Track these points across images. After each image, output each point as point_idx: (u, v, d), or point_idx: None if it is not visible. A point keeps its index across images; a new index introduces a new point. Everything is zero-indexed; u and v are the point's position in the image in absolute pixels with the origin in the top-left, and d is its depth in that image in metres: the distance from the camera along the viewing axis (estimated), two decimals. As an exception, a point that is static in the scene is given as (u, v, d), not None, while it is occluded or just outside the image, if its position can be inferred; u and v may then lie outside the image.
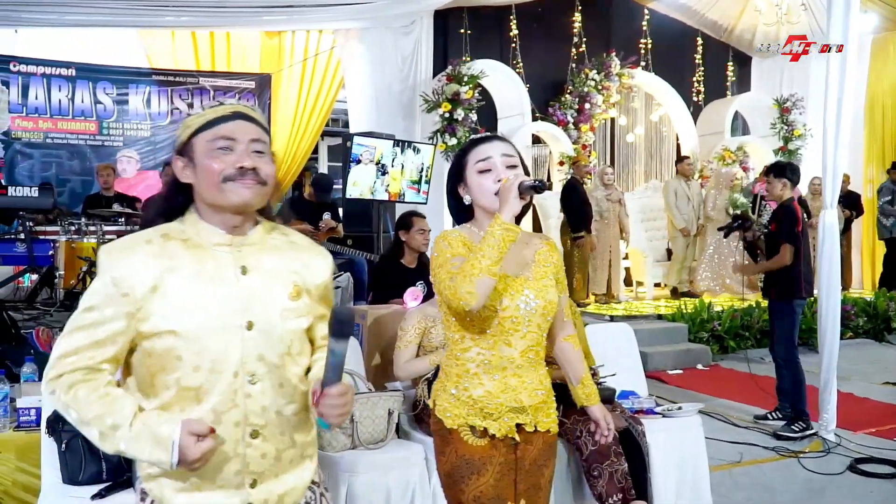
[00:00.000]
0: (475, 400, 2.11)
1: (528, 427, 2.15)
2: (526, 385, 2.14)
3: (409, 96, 9.14)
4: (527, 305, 2.12)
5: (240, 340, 1.62)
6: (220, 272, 1.65)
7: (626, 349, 4.28)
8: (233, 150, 1.64)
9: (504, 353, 2.11)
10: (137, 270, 1.58)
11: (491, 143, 2.17)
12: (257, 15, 8.81)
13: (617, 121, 11.01)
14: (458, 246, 2.10)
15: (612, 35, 10.84)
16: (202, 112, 1.68)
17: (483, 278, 1.95)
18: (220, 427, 1.59)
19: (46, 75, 8.68)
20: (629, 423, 3.49)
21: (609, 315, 7.89)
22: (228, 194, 1.63)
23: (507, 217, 1.98)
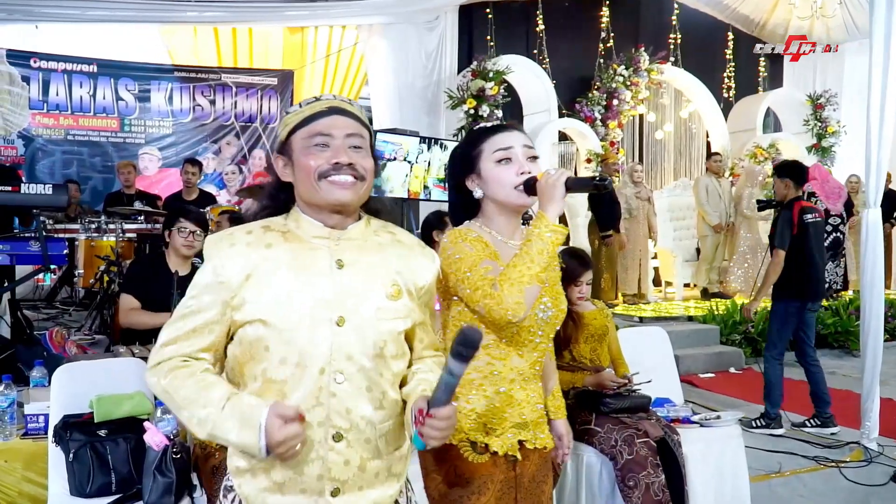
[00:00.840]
0: (479, 414, 1.93)
1: (529, 444, 1.98)
2: (530, 398, 1.98)
3: (434, 92, 9.01)
4: (544, 314, 1.96)
5: (329, 335, 1.55)
6: (315, 264, 1.60)
7: (661, 354, 4.09)
8: (329, 146, 1.59)
9: (514, 364, 1.94)
10: (234, 259, 1.57)
11: (510, 132, 1.98)
12: (280, 10, 8.72)
13: (645, 117, 10.80)
14: (480, 247, 1.91)
15: (641, 30, 10.62)
16: (299, 109, 1.65)
17: (533, 286, 1.78)
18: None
19: (67, 71, 8.64)
20: (665, 433, 3.30)
21: (638, 316, 7.69)
22: (324, 192, 1.58)
23: (552, 216, 1.81)
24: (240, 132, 9.40)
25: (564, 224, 3.20)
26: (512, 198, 1.92)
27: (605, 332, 3.63)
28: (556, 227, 1.80)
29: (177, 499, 2.63)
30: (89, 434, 2.76)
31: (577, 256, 3.59)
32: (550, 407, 2.19)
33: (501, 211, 1.96)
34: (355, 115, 1.64)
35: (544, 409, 2.05)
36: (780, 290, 5.22)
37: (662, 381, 3.95)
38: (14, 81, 8.34)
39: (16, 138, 8.38)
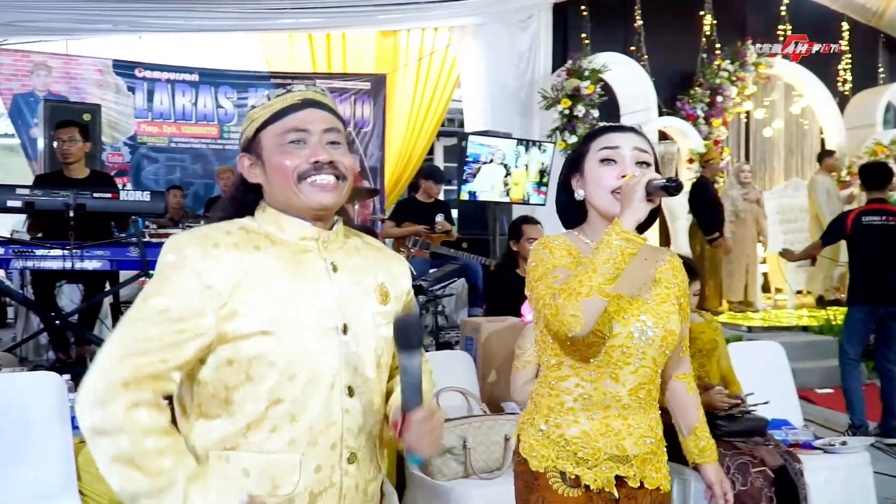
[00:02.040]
0: (567, 441, 1.72)
1: (632, 482, 1.74)
2: (632, 430, 1.74)
3: (527, 93, 8.80)
4: (642, 334, 1.72)
5: (336, 345, 1.41)
6: (311, 268, 1.43)
7: (776, 370, 3.79)
8: (306, 143, 1.42)
9: (609, 389, 1.72)
10: (221, 261, 1.36)
11: (624, 133, 1.77)
12: (374, 14, 8.69)
13: (753, 114, 10.26)
14: (562, 255, 1.72)
15: (748, 22, 10.10)
16: (268, 102, 1.46)
17: (593, 298, 1.56)
18: (315, 449, 1.37)
19: (171, 81, 8.86)
20: (785, 460, 3.02)
21: (746, 325, 7.27)
22: (305, 196, 1.41)
23: (628, 224, 1.58)
24: (334, 137, 9.44)
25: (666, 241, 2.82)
26: (606, 204, 1.73)
27: (715, 347, 3.37)
28: (630, 235, 1.57)
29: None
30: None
31: (684, 265, 3.33)
32: (693, 449, 1.93)
33: (602, 219, 1.76)
34: (331, 107, 1.50)
35: (659, 445, 1.81)
36: (848, 295, 5.29)
37: (778, 400, 3.65)
38: (120, 91, 8.61)
39: (122, 146, 8.65)
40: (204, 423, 1.39)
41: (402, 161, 9.51)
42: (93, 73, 8.49)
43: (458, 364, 3.45)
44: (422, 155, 9.74)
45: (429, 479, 3.03)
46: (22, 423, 2.80)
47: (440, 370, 3.45)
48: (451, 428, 3.00)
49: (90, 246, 4.18)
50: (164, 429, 1.31)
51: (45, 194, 4.05)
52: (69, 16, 7.31)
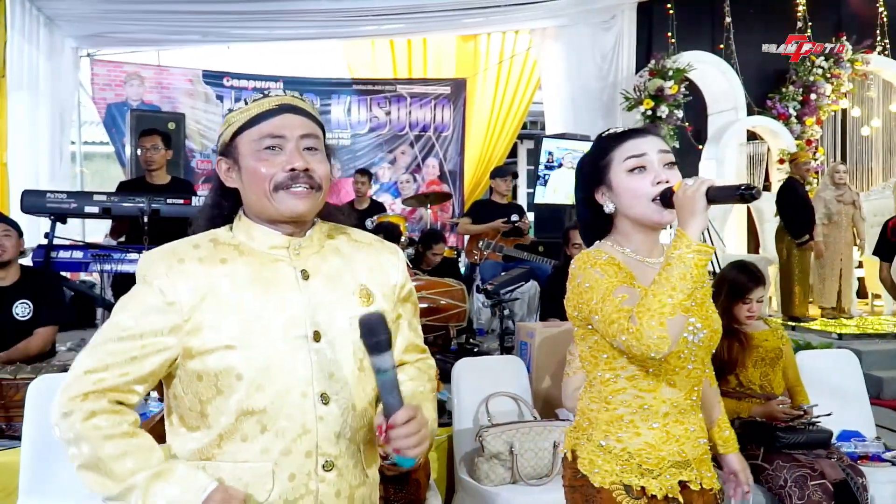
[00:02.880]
0: (631, 454, 1.69)
1: (694, 485, 1.71)
2: (689, 433, 1.72)
3: (610, 94, 8.66)
4: (694, 337, 1.69)
5: (307, 353, 1.40)
6: (279, 277, 1.43)
7: (849, 379, 3.59)
8: (282, 150, 1.42)
9: (667, 396, 1.69)
10: (186, 277, 1.38)
11: (644, 137, 1.71)
12: (456, 18, 8.72)
13: (849, 112, 9.76)
14: (615, 272, 1.67)
15: (843, 17, 9.63)
16: (245, 106, 1.47)
17: (677, 317, 1.52)
18: (289, 458, 1.38)
19: (257, 89, 9.12)
20: (847, 474, 2.87)
21: (837, 333, 6.91)
22: (279, 204, 1.41)
23: (694, 234, 1.54)
24: (413, 141, 9.53)
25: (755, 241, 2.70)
26: (649, 212, 1.67)
27: (779, 356, 3.23)
28: (700, 246, 1.53)
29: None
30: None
31: (748, 270, 3.21)
32: (718, 440, 1.95)
33: (637, 228, 1.72)
34: (308, 112, 1.48)
35: (708, 443, 1.79)
36: None
37: (851, 411, 3.47)
38: (209, 100, 8.95)
39: (211, 153, 8.97)
40: (186, 434, 1.42)
41: (482, 165, 9.51)
42: (183, 82, 8.85)
43: (511, 369, 3.41)
44: (502, 158, 9.72)
45: (476, 483, 3.01)
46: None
47: (493, 375, 3.45)
48: (498, 433, 2.97)
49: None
50: (125, 431, 1.34)
51: (120, 200, 4.24)
52: (160, 27, 7.64)
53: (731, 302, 3.18)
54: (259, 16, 7.90)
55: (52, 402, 1.36)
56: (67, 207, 4.16)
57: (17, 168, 6.25)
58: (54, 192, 4.25)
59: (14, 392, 3.11)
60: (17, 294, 3.80)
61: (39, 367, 3.32)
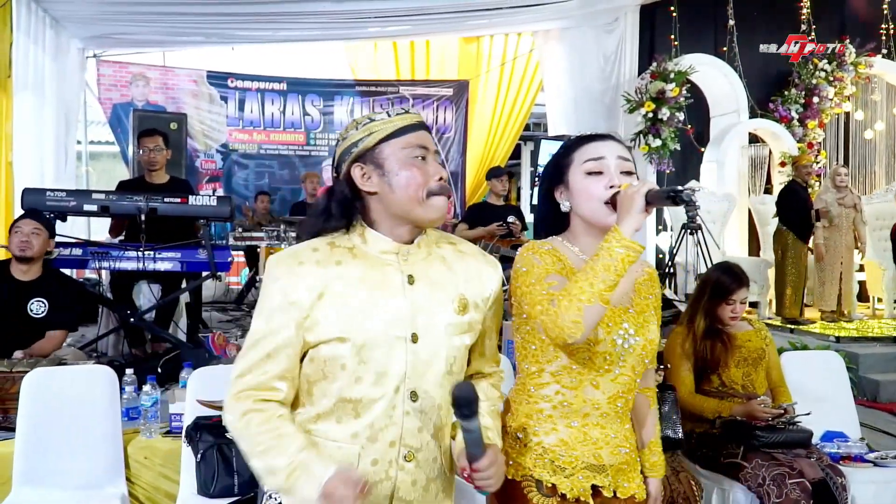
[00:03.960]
0: (545, 449, 1.73)
1: (606, 491, 1.73)
2: (609, 439, 1.74)
3: (612, 97, 8.69)
4: (624, 342, 1.72)
5: (404, 353, 1.53)
6: (387, 280, 1.56)
7: (835, 381, 3.61)
8: (426, 160, 1.58)
9: (588, 396, 1.72)
10: (304, 278, 1.53)
11: (605, 141, 1.76)
12: (459, 20, 8.76)
13: (852, 115, 9.76)
14: (553, 261, 1.72)
15: (847, 20, 9.62)
16: (389, 118, 1.60)
17: (594, 305, 1.56)
18: (374, 445, 1.53)
19: (261, 90, 9.24)
20: (826, 473, 2.90)
21: (835, 336, 6.93)
22: (429, 209, 1.55)
23: (628, 231, 1.59)
24: (416, 143, 9.59)
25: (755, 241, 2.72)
26: (599, 214, 1.72)
27: (762, 356, 3.26)
28: (630, 242, 1.58)
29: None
30: (218, 436, 2.87)
31: (731, 272, 3.25)
32: (645, 462, 1.93)
33: (588, 229, 1.77)
34: (431, 131, 1.66)
35: (633, 454, 1.80)
36: None
37: (836, 412, 3.50)
38: (213, 101, 9.04)
39: (215, 153, 9.07)
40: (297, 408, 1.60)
41: (484, 166, 9.55)
42: (188, 83, 8.95)
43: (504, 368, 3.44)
44: (503, 159, 9.76)
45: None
46: (76, 412, 2.99)
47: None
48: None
49: (161, 248, 4.41)
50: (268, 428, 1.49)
51: (118, 199, 4.30)
52: (164, 28, 7.72)
53: (715, 303, 3.22)
54: (263, 18, 7.96)
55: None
56: (67, 205, 4.22)
57: (22, 168, 6.33)
58: (54, 191, 4.32)
59: (10, 384, 3.18)
60: (35, 291, 3.86)
61: (34, 360, 3.39)
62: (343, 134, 1.64)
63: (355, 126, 1.61)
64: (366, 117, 1.62)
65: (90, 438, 2.96)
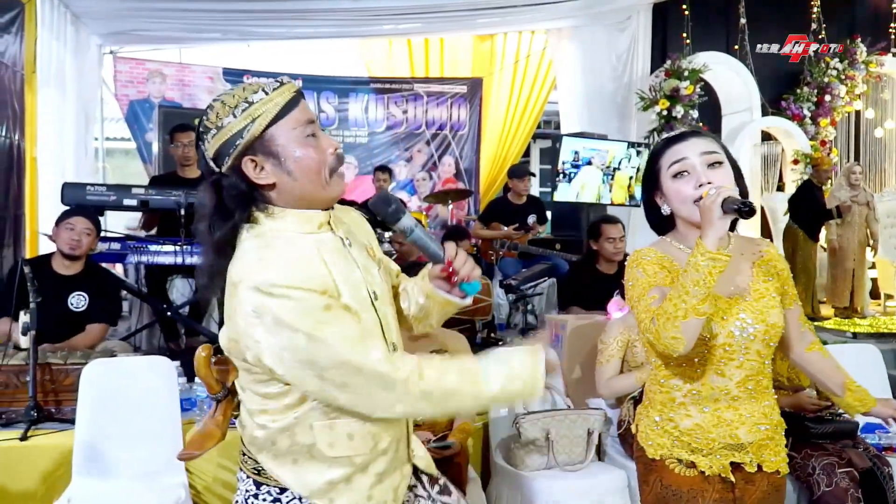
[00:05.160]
0: (682, 432, 1.81)
1: (749, 467, 1.82)
2: (745, 419, 1.81)
3: (624, 95, 8.73)
4: (742, 332, 1.79)
5: (373, 312, 1.52)
6: (335, 248, 1.51)
7: (873, 373, 3.67)
8: (316, 136, 1.45)
9: (716, 384, 1.80)
10: (310, 264, 1.44)
11: (686, 141, 1.83)
12: (472, 18, 8.78)
13: (863, 114, 9.83)
14: (655, 272, 1.80)
15: (857, 18, 9.69)
16: (267, 96, 1.42)
17: (690, 320, 1.64)
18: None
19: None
20: (873, 463, 2.95)
21: (852, 332, 6.99)
22: (332, 188, 1.48)
23: (711, 243, 1.65)
24: (430, 140, 9.63)
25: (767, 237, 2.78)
26: (692, 214, 1.79)
27: (806, 350, 3.30)
28: (715, 254, 1.64)
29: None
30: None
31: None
32: (854, 403, 2.02)
33: (691, 226, 1.84)
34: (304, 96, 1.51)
35: (774, 430, 1.88)
36: None
37: (875, 404, 3.54)
38: (230, 97, 9.03)
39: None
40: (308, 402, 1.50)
41: (498, 163, 9.59)
42: (204, 80, 8.96)
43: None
44: (517, 157, 9.80)
45: (513, 469, 3.10)
46: (136, 403, 3.03)
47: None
48: (534, 420, 3.06)
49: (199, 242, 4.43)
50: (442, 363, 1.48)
51: (158, 193, 4.33)
52: (180, 25, 7.72)
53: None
54: (278, 14, 7.97)
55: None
56: (107, 200, 4.25)
57: (44, 164, 6.34)
58: (94, 185, 4.35)
59: (64, 377, 3.21)
60: (76, 285, 3.90)
61: (89, 352, 3.42)
62: (214, 121, 1.43)
63: (229, 112, 1.42)
64: (238, 98, 1.43)
65: (150, 429, 3.01)
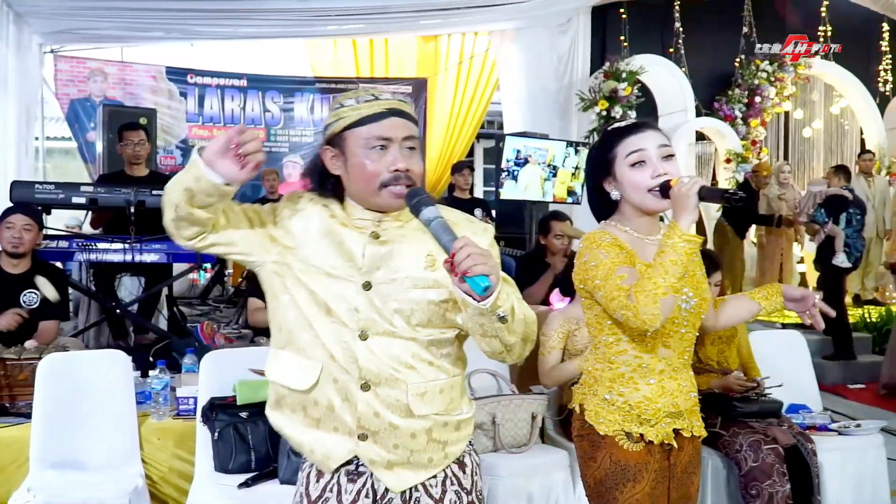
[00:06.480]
0: (632, 406, 1.97)
1: (686, 432, 2.01)
2: (682, 388, 2.00)
3: (566, 95, 8.92)
4: (687, 304, 1.97)
5: (354, 294, 1.62)
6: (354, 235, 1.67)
7: (797, 359, 3.92)
8: (387, 150, 1.61)
9: (662, 355, 1.97)
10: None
11: (644, 132, 1.97)
12: (416, 20, 8.88)
13: (792, 114, 10.26)
14: (617, 253, 1.93)
15: (787, 23, 10.11)
16: (356, 105, 1.64)
17: (668, 297, 1.80)
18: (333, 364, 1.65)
19: (220, 86, 9.24)
20: (797, 440, 3.18)
21: (780, 323, 7.34)
22: (380, 201, 1.64)
23: (685, 225, 1.82)
24: (376, 139, 9.72)
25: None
26: (647, 202, 1.94)
27: (734, 335, 3.54)
28: (691, 236, 1.81)
29: (307, 479, 2.80)
30: (233, 415, 2.99)
31: (706, 256, 3.50)
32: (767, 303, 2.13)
33: (637, 212, 1.99)
34: (410, 115, 1.67)
35: (697, 398, 2.07)
36: None
37: (800, 387, 3.80)
38: (173, 96, 9.01)
39: (175, 149, 9.04)
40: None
41: (443, 163, 9.72)
42: (147, 79, 8.91)
43: (489, 349, 3.64)
44: (461, 156, 9.95)
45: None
46: (91, 396, 3.08)
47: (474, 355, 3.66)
48: (481, 406, 3.20)
49: (148, 240, 4.48)
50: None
51: (107, 192, 4.35)
52: (123, 24, 7.66)
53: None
54: (223, 14, 7.97)
55: None
56: (55, 198, 4.25)
57: (-16, 163, 6.28)
58: (42, 183, 4.36)
59: (19, 371, 3.24)
60: (27, 283, 3.90)
61: (42, 348, 3.45)
62: (331, 107, 1.71)
63: (335, 106, 1.68)
64: (338, 101, 1.68)
65: (106, 421, 3.06)
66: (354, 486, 1.66)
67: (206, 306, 7.40)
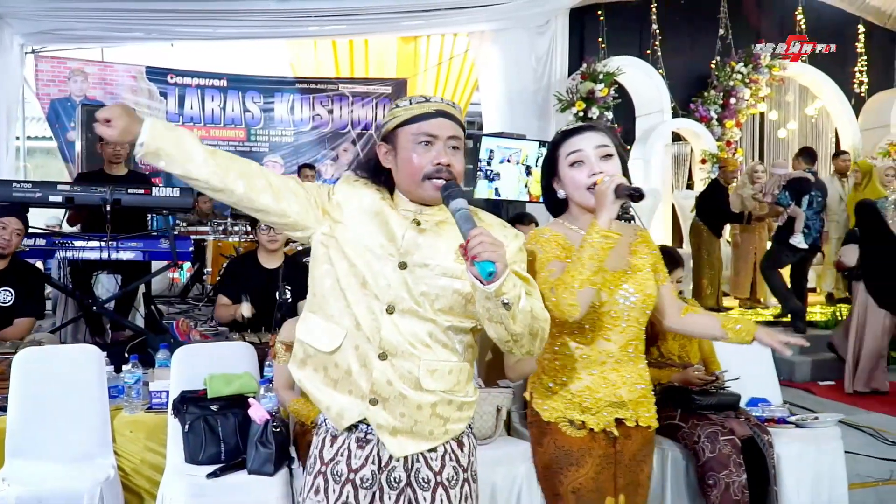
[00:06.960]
0: (573, 394, 2.07)
1: (629, 422, 2.10)
2: (626, 379, 2.08)
3: (544, 96, 9.01)
4: (626, 300, 2.06)
5: (391, 271, 1.76)
6: (398, 218, 1.81)
7: (758, 354, 4.00)
8: (432, 146, 1.77)
9: (602, 348, 2.06)
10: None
11: (582, 134, 2.08)
12: (396, 21, 8.96)
13: (767, 115, 10.40)
14: (552, 248, 2.06)
15: (763, 25, 10.25)
16: (409, 106, 1.82)
17: (585, 289, 1.91)
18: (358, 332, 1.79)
19: (201, 86, 9.28)
20: (754, 432, 3.27)
21: (754, 321, 7.43)
22: (422, 191, 1.78)
23: (604, 222, 1.93)
24: (356, 139, 9.81)
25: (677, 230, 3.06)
26: (586, 199, 2.05)
27: (695, 330, 3.62)
28: (608, 232, 1.92)
29: (276, 468, 2.89)
30: (203, 408, 3.07)
31: (666, 254, 3.59)
32: (736, 337, 2.21)
33: (582, 209, 2.09)
34: (457, 118, 1.83)
35: (648, 389, 2.14)
36: None
37: (760, 382, 3.89)
38: (153, 96, 9.05)
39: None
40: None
41: (423, 163, 9.78)
42: (127, 79, 8.94)
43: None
44: (441, 156, 10.00)
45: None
46: (65, 390, 3.13)
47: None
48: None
49: (125, 238, 4.53)
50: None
51: (83, 190, 4.39)
52: (103, 24, 7.70)
53: None
54: (203, 15, 8.01)
55: None
56: (33, 197, 4.28)
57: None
58: (20, 182, 4.38)
59: (-5, 366, 3.29)
60: (2, 281, 3.95)
61: (17, 343, 3.50)
62: (388, 109, 1.91)
63: (392, 107, 1.87)
64: (395, 103, 1.89)
65: (80, 414, 3.11)
66: (363, 453, 1.80)
67: (186, 304, 7.45)
